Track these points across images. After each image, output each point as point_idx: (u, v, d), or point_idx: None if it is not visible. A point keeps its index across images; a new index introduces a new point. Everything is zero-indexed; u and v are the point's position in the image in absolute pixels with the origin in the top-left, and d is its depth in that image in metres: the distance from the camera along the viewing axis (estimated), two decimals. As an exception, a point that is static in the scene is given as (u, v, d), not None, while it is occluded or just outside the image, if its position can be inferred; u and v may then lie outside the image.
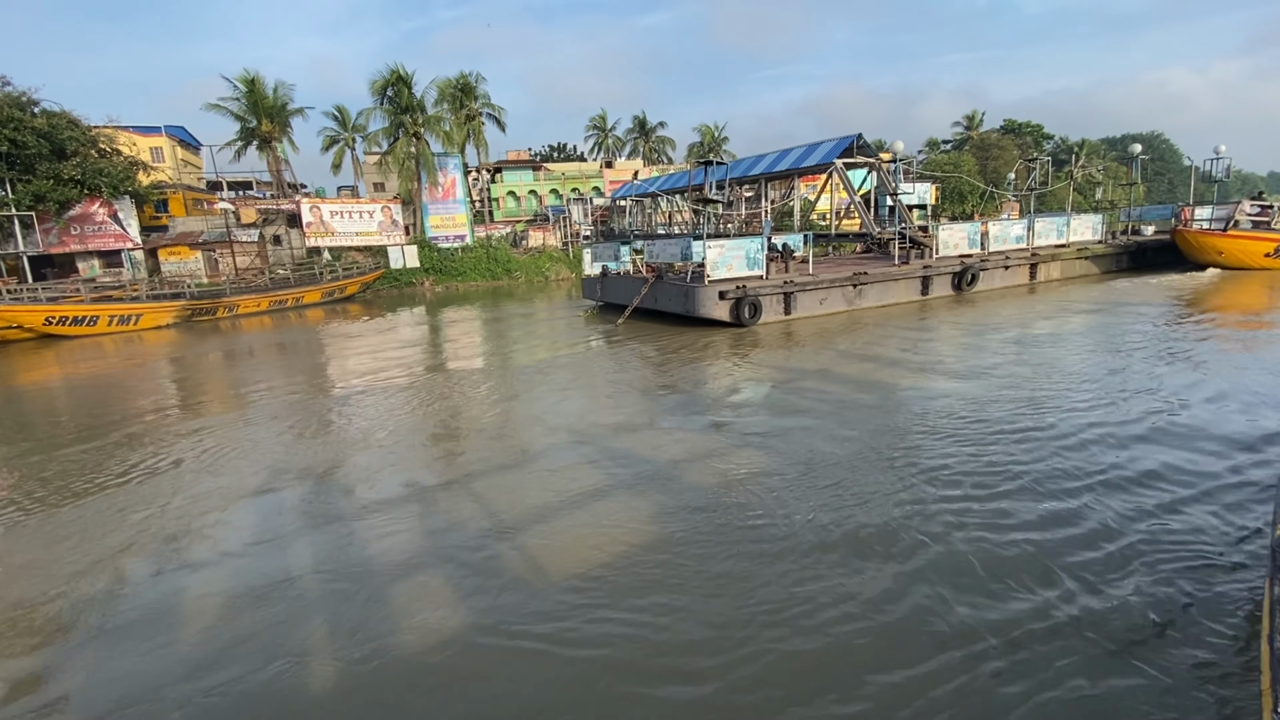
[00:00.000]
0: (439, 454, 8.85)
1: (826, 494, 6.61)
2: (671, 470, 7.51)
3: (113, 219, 34.28)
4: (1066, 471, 6.82)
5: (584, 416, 10.02)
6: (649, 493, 6.91)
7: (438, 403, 11.40)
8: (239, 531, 6.65)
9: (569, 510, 6.60)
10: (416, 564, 5.73)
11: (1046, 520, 5.81)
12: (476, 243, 43.90)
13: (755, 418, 9.55)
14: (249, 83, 37.06)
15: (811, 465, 7.37)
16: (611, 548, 5.75)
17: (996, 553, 5.33)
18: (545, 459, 8.19)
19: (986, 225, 22.62)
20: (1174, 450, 7.25)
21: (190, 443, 9.77)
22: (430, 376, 13.88)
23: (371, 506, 7.03)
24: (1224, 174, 27.33)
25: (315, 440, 9.63)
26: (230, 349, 20.32)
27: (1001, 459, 7.23)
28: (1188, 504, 6.03)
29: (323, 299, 33.28)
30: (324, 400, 12.24)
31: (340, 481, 7.89)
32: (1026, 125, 62.13)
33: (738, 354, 13.76)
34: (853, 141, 25.35)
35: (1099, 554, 5.26)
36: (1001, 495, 6.35)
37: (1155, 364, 11.02)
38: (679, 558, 5.53)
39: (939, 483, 6.69)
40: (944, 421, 8.55)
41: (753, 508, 6.37)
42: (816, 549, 5.54)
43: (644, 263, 19.58)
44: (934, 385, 10.53)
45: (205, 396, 13.53)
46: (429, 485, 7.57)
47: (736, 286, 16.30)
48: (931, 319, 17.30)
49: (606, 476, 7.43)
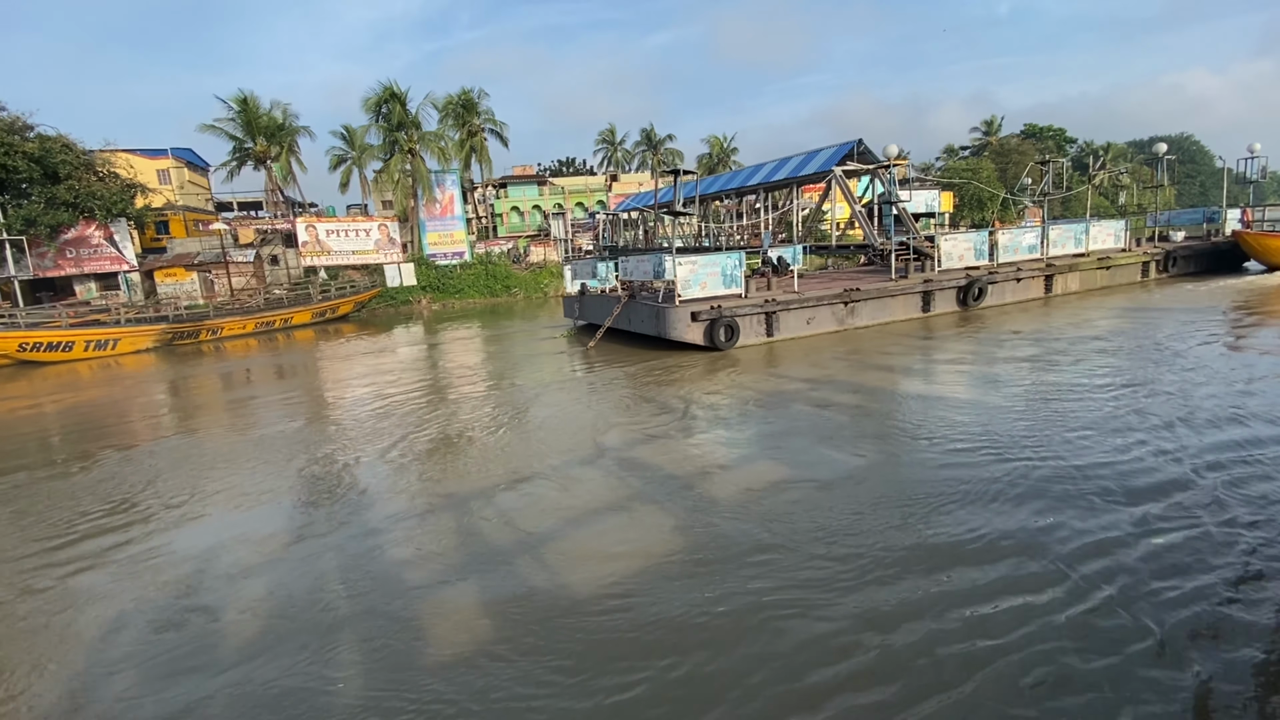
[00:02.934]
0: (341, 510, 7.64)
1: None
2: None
3: (108, 241, 34.24)
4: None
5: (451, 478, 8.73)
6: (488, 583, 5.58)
7: (347, 447, 10.22)
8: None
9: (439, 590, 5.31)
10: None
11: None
12: (476, 259, 43.18)
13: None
14: (242, 102, 36.93)
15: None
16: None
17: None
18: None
19: (995, 234, 20.91)
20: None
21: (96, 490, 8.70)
22: (353, 413, 12.75)
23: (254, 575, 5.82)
24: (1259, 174, 25.30)
25: (236, 510, 8.49)
26: (199, 375, 19.53)
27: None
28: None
29: (313, 319, 32.64)
30: (236, 442, 11.15)
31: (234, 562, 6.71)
32: (1048, 129, 59.83)
33: (697, 387, 12.36)
34: (853, 147, 23.91)
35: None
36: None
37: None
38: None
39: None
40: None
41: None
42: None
43: (619, 280, 18.33)
44: (924, 454, 9.02)
45: (147, 431, 12.55)
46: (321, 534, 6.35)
47: (711, 307, 14.92)
48: (932, 339, 15.71)
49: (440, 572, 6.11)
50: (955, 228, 50.11)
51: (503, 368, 16.65)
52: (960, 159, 62.39)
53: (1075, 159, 56.00)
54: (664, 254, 15.87)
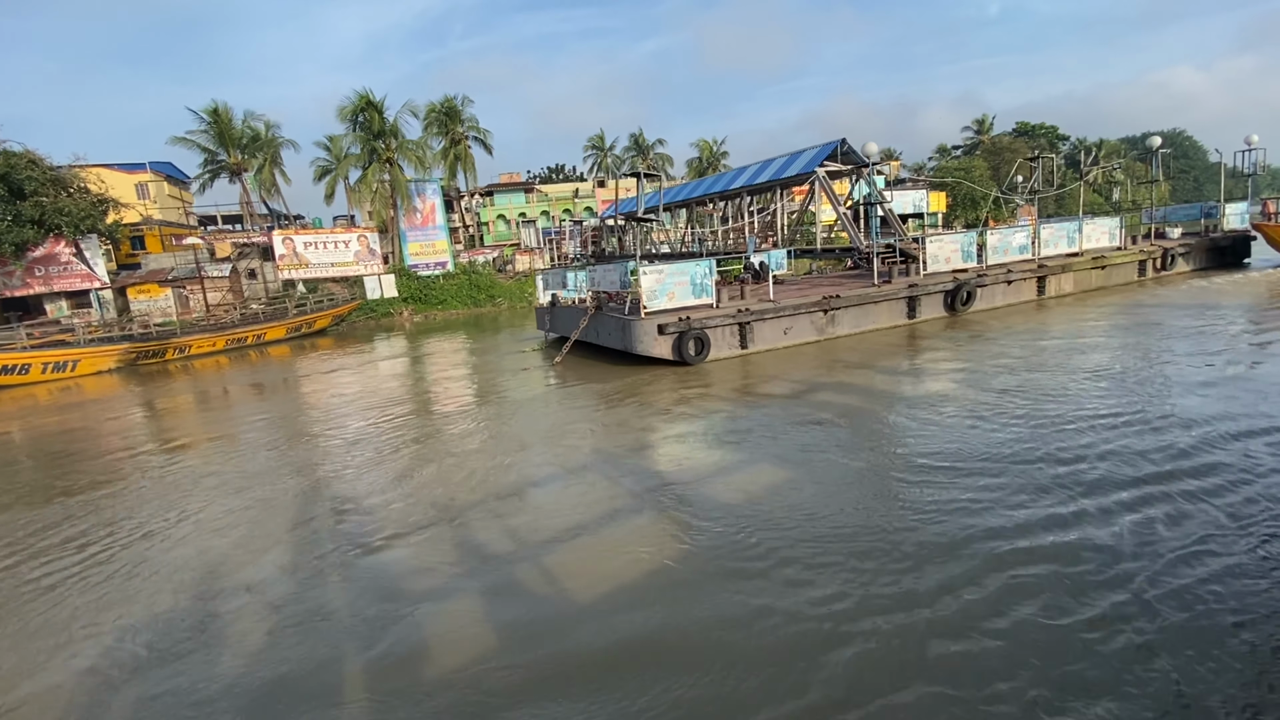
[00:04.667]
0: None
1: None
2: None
3: (78, 258, 33.40)
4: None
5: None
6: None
7: (268, 481, 9.30)
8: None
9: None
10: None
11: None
12: (459, 269, 42.34)
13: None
14: (213, 113, 36.13)
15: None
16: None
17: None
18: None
19: (984, 235, 20.02)
20: None
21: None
22: (272, 441, 11.83)
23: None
24: (1253, 168, 24.48)
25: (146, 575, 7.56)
26: (153, 399, 18.62)
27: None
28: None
29: (288, 335, 31.75)
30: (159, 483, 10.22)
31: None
32: (1041, 127, 59.08)
33: (654, 410, 11.44)
34: (836, 147, 23.08)
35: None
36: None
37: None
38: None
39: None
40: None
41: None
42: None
43: (588, 291, 17.41)
44: (911, 490, 8.09)
45: (83, 471, 11.61)
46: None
47: (679, 319, 13.99)
48: (916, 348, 14.80)
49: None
50: (949, 228, 49.23)
51: (456, 390, 15.68)
52: (953, 158, 61.67)
53: (1068, 156, 55.17)
54: (625, 263, 14.98)
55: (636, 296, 14.19)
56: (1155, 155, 25.51)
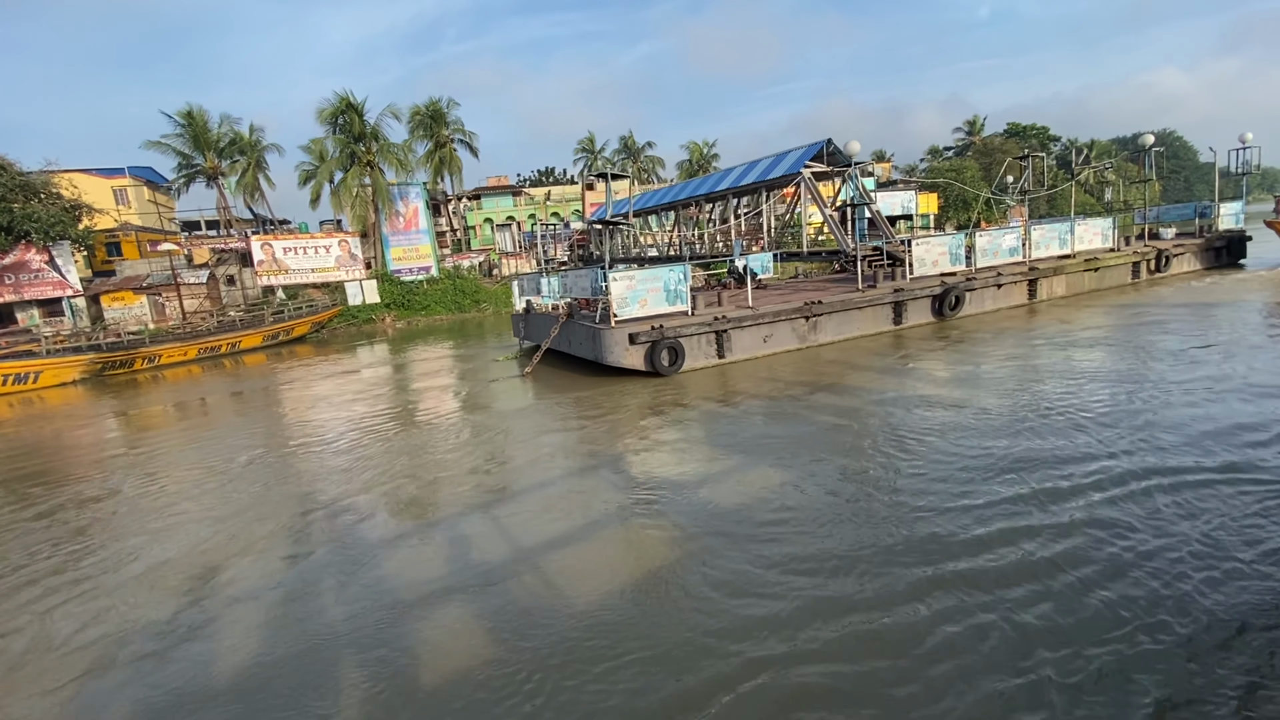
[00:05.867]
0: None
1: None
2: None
3: (50, 266, 32.59)
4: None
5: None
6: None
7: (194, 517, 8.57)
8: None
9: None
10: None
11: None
12: (444, 274, 41.57)
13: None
14: (188, 116, 35.33)
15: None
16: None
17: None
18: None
19: (972, 236, 19.39)
20: None
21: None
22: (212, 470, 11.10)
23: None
24: (1243, 167, 24.06)
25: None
26: (117, 413, 17.84)
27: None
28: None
29: (264, 343, 30.93)
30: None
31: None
32: (1032, 128, 58.71)
33: (618, 428, 10.74)
34: (822, 148, 22.46)
35: None
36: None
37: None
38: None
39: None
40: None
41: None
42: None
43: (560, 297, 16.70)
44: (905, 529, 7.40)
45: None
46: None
47: (651, 327, 13.29)
48: (900, 355, 14.14)
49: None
50: (941, 229, 48.68)
51: (411, 404, 14.90)
52: (944, 159, 61.26)
53: (1059, 157, 54.74)
54: (597, 269, 14.28)
55: (608, 304, 13.49)
56: (1148, 154, 24.93)
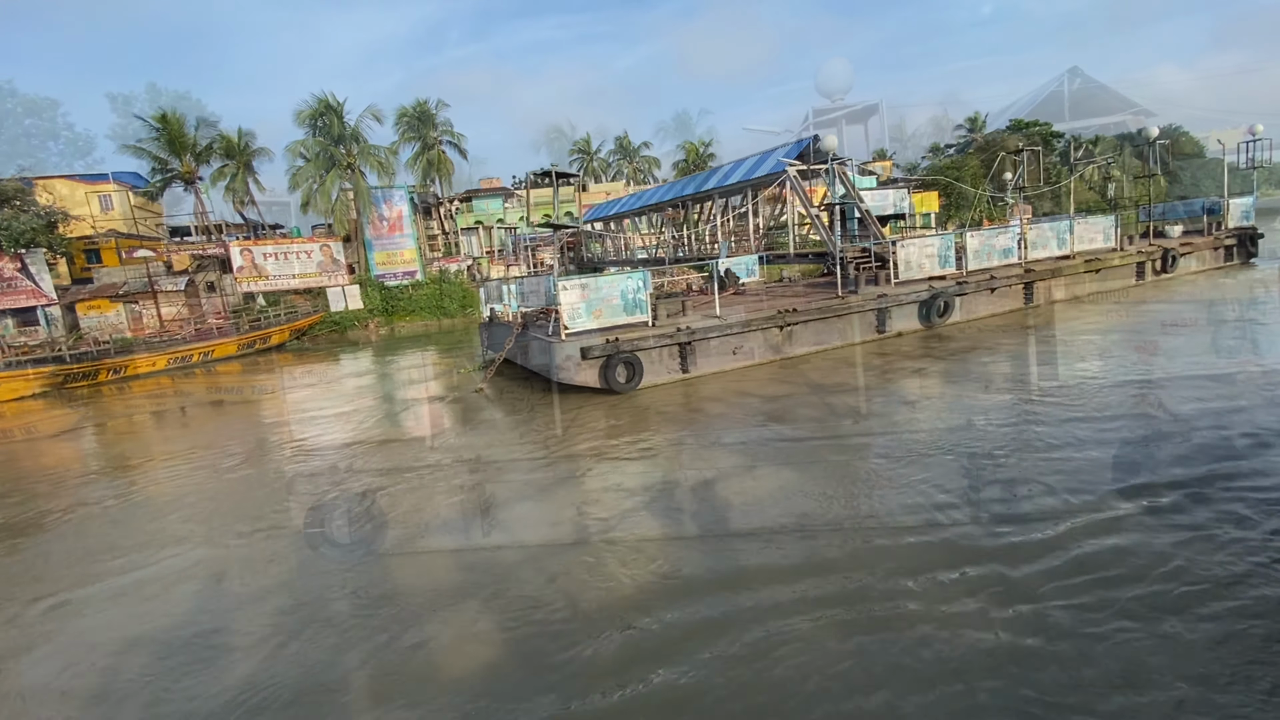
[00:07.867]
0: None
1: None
2: None
3: (23, 274, 31.88)
4: None
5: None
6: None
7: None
8: None
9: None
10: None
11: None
12: (429, 278, 40.64)
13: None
14: (162, 120, 34.55)
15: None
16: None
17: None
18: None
19: (962, 236, 18.24)
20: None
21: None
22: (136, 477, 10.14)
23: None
24: (1249, 162, 22.70)
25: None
26: (46, 433, 16.98)
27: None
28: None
29: (240, 351, 30.10)
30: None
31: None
32: (1034, 124, 57.27)
33: (558, 450, 9.71)
34: (807, 145, 21.43)
35: None
36: None
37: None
38: None
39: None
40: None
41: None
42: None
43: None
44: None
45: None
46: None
47: (606, 340, 12.24)
48: (881, 368, 13.03)
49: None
50: (943, 228, 47.36)
51: (355, 421, 13.86)
52: (946, 157, 59.94)
53: (1062, 154, 53.28)
54: (551, 277, 13.25)
55: (559, 314, 12.45)
56: (1153, 146, 23.65)
